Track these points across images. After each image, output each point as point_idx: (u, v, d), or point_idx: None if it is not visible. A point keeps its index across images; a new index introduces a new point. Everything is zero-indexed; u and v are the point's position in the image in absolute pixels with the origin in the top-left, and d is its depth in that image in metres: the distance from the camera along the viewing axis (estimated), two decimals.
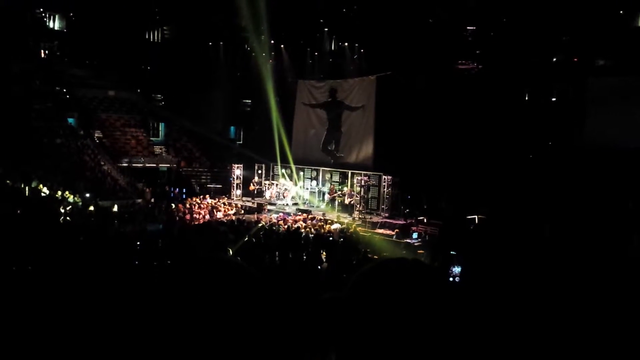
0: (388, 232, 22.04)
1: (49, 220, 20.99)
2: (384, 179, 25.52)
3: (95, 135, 34.39)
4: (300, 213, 25.18)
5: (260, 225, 21.14)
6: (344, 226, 21.88)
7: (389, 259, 1.27)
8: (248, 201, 28.83)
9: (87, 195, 26.90)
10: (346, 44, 29.80)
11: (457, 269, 8.85)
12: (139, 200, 27.71)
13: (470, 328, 1.21)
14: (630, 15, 24.93)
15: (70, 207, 24.26)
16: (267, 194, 29.10)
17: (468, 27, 26.82)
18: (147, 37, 37.17)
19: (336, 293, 1.31)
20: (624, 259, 14.99)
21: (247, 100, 39.24)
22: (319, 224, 22.15)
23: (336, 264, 15.31)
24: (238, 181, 30.16)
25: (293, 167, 30.11)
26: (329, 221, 22.72)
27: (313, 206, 27.47)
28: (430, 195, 26.01)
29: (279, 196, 28.56)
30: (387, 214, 24.92)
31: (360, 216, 24.17)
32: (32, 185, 26.17)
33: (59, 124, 32.98)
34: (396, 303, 1.15)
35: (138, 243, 18.39)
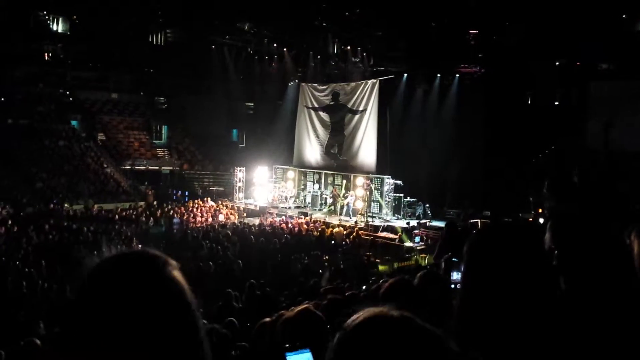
0: (391, 235, 21.99)
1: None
2: (387, 182, 25.49)
3: (98, 137, 34.46)
4: (302, 216, 25.17)
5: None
6: (348, 230, 21.86)
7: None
8: (250, 204, 28.83)
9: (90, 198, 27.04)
10: (349, 47, 29.80)
11: (457, 276, 8.75)
12: (142, 203, 27.74)
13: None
14: (633, 20, 24.91)
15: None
16: (270, 197, 29.09)
17: (470, 31, 26.80)
18: (150, 40, 37.22)
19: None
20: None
21: (250, 103, 39.31)
22: (322, 227, 22.13)
23: (337, 268, 15.31)
24: (240, 184, 30.15)
25: (296, 170, 30.12)
26: (331, 225, 22.70)
27: (315, 209, 27.45)
28: (433, 198, 26.00)
29: (281, 199, 28.55)
30: (389, 218, 24.87)
31: (363, 219, 24.14)
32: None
33: (62, 127, 33.07)
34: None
35: (140, 246, 18.44)
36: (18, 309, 9.96)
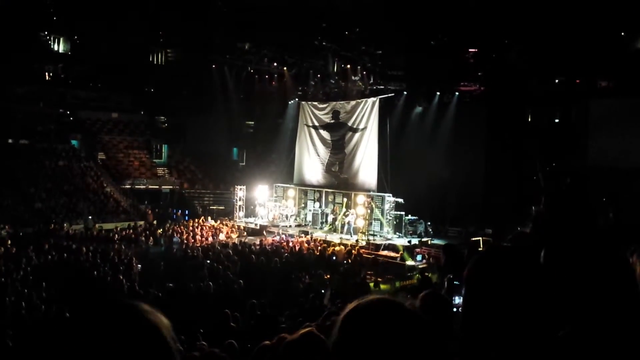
0: (392, 254, 21.86)
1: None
2: (388, 200, 25.41)
3: (99, 157, 34.49)
4: (303, 235, 25.06)
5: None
6: (348, 248, 21.73)
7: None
8: (251, 223, 28.72)
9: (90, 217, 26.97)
10: (349, 66, 29.93)
11: (459, 299, 8.54)
12: (142, 223, 27.64)
13: None
14: (632, 37, 24.99)
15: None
16: (270, 216, 28.97)
17: (470, 49, 26.90)
18: (150, 59, 37.41)
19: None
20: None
21: (250, 122, 39.40)
22: (322, 245, 22.00)
23: (338, 287, 15.18)
24: (241, 203, 30.07)
25: (296, 188, 30.05)
26: (332, 243, 22.57)
27: (316, 228, 27.33)
28: (434, 216, 25.90)
29: (281, 218, 28.44)
30: (390, 236, 24.75)
31: (364, 238, 24.02)
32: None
33: (62, 147, 33.11)
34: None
35: (139, 266, 18.33)
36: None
